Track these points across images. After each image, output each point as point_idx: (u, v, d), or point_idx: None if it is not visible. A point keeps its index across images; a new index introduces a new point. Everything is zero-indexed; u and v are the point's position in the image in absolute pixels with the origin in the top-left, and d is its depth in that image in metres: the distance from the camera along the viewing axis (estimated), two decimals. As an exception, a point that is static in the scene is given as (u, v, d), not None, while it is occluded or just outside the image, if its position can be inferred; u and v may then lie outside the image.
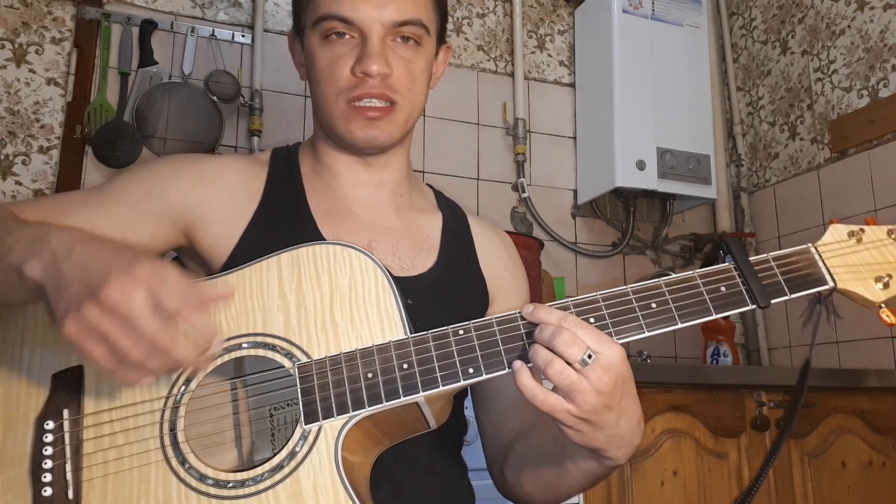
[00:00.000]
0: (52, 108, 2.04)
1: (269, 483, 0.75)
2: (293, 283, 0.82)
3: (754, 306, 0.80)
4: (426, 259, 1.01)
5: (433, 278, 0.99)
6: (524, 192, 2.47)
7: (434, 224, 1.06)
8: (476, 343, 0.78)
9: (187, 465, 0.76)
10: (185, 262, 1.02)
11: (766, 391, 1.85)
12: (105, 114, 2.05)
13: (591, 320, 0.78)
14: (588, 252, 2.52)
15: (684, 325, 0.79)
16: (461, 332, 0.79)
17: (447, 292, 0.99)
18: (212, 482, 0.75)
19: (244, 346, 0.80)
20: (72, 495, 0.75)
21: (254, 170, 1.01)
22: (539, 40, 2.63)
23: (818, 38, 2.48)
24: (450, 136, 2.43)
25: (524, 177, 2.48)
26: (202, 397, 0.81)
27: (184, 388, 0.79)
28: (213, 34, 2.21)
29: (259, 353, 0.80)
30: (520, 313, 0.79)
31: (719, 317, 0.79)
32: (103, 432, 0.77)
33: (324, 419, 0.76)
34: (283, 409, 0.82)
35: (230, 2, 2.28)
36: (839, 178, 2.37)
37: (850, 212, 2.31)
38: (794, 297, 0.81)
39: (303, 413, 0.77)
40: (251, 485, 0.75)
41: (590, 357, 0.72)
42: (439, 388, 0.77)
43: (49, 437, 0.77)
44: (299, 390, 0.78)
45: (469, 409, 1.07)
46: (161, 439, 0.77)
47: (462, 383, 0.77)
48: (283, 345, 0.80)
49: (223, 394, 0.83)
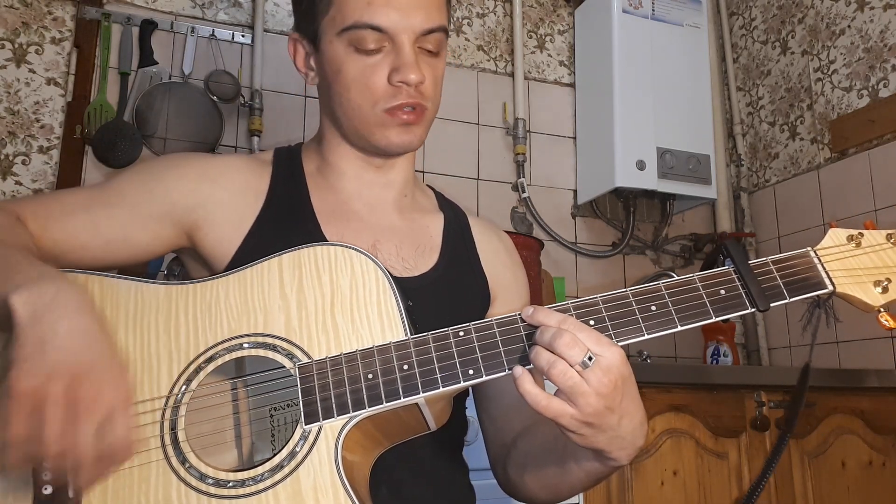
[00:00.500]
0: (52, 108, 2.04)
1: (269, 483, 0.75)
2: (294, 283, 0.82)
3: (753, 310, 0.80)
4: (428, 259, 1.01)
5: (434, 279, 1.00)
6: (524, 192, 2.47)
7: (436, 224, 1.06)
8: (476, 344, 0.78)
9: (187, 465, 0.76)
10: (185, 263, 1.02)
11: (766, 391, 1.85)
12: (105, 114, 2.05)
13: (591, 323, 0.78)
14: (588, 252, 2.53)
15: (684, 327, 0.79)
16: (461, 334, 0.79)
17: (448, 293, 1.00)
18: (212, 481, 0.75)
19: (245, 345, 0.80)
20: (72, 493, 0.75)
21: (257, 170, 1.01)
22: (539, 40, 2.63)
23: (818, 38, 2.48)
24: (450, 136, 2.43)
25: (524, 177, 2.48)
26: (203, 397, 0.81)
27: (185, 387, 0.79)
28: (213, 34, 2.21)
29: (260, 353, 0.80)
30: (520, 315, 0.79)
31: (719, 320, 0.80)
32: None
33: (324, 419, 0.76)
34: (284, 409, 0.82)
35: (230, 2, 2.28)
36: (839, 178, 2.37)
37: (850, 212, 2.31)
38: (793, 300, 0.81)
39: (303, 413, 0.77)
40: (251, 484, 0.75)
41: (590, 359, 0.72)
42: (439, 389, 0.77)
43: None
44: (300, 390, 0.78)
45: (470, 408, 1.07)
46: (161, 438, 0.77)
47: (462, 384, 0.77)
48: (284, 345, 0.80)
49: (224, 393, 0.83)
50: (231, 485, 0.75)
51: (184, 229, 0.94)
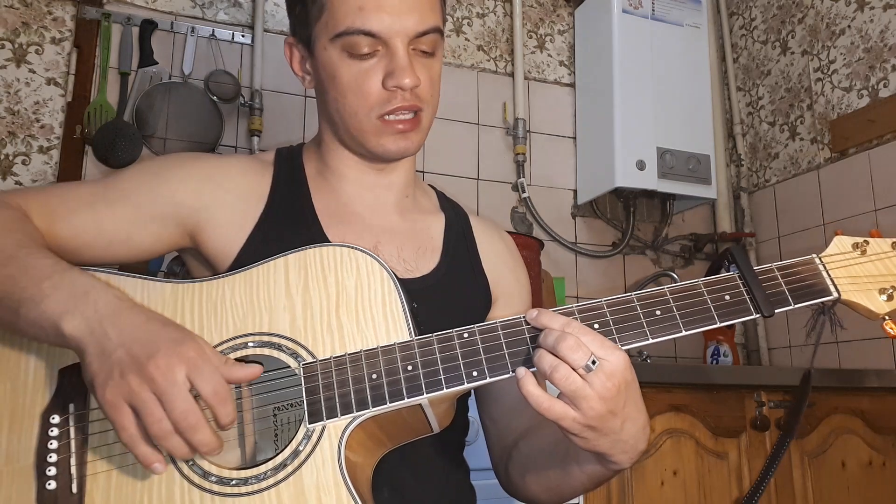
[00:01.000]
0: (52, 108, 2.03)
1: (272, 481, 0.75)
2: (300, 284, 0.83)
3: (758, 315, 0.80)
4: (429, 261, 1.01)
5: (435, 280, 1.00)
6: (524, 192, 2.47)
7: (437, 225, 1.06)
8: (480, 346, 0.79)
9: (191, 462, 0.76)
10: (187, 262, 1.02)
11: (766, 391, 1.85)
12: (105, 114, 2.05)
13: (596, 326, 0.78)
14: (588, 252, 2.53)
15: (688, 332, 0.79)
16: (466, 336, 0.79)
17: (450, 293, 1.00)
18: (215, 479, 0.75)
19: (250, 345, 0.81)
20: (76, 489, 0.75)
21: (259, 171, 1.00)
22: (539, 40, 2.64)
23: (818, 38, 2.48)
24: (450, 136, 2.43)
25: (524, 177, 2.48)
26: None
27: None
28: (213, 34, 2.21)
29: (265, 352, 0.80)
30: (524, 318, 0.79)
31: (723, 325, 0.80)
32: (108, 427, 0.77)
33: (327, 419, 0.77)
34: (287, 409, 0.82)
35: (230, 2, 2.28)
36: (839, 178, 2.37)
37: (850, 212, 2.31)
38: (797, 307, 0.82)
39: (307, 412, 0.77)
40: (254, 482, 0.75)
41: (594, 363, 0.72)
42: (443, 390, 0.77)
43: (55, 432, 0.77)
44: (304, 390, 0.78)
45: (471, 409, 1.07)
46: None
47: (466, 386, 0.77)
48: (289, 345, 0.80)
49: (227, 393, 0.83)
50: (234, 483, 0.75)
51: (186, 230, 0.94)
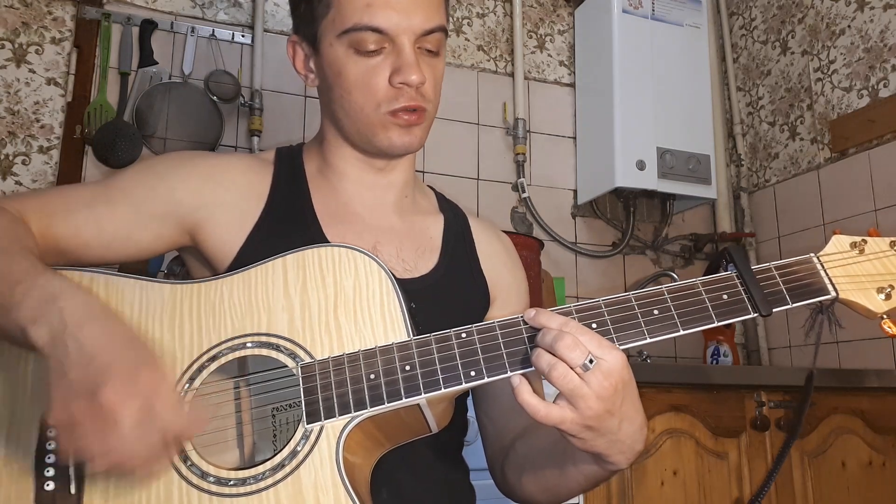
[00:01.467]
0: (52, 108, 2.04)
1: (270, 481, 0.75)
2: (298, 284, 0.83)
3: (756, 314, 0.80)
4: (428, 261, 1.01)
5: (434, 280, 1.00)
6: (524, 192, 2.47)
7: (436, 226, 1.06)
8: (478, 346, 0.78)
9: (189, 462, 0.76)
10: (187, 261, 1.02)
11: (766, 391, 1.85)
12: (105, 114, 2.05)
13: (594, 326, 0.78)
14: (588, 252, 2.53)
15: (686, 332, 0.79)
16: (464, 335, 0.79)
17: (448, 294, 1.00)
18: (213, 479, 0.75)
19: (248, 345, 0.81)
20: (74, 490, 0.75)
21: (259, 170, 1.01)
22: (539, 40, 2.63)
23: (818, 38, 2.48)
24: (450, 136, 2.43)
25: (524, 177, 2.48)
26: (205, 395, 0.81)
27: (187, 385, 0.79)
28: (213, 34, 2.21)
29: (263, 352, 0.80)
30: (522, 317, 0.79)
31: (721, 324, 0.80)
32: None
33: (326, 419, 0.77)
34: (286, 409, 0.82)
35: (230, 2, 2.28)
36: (839, 178, 2.37)
37: (850, 212, 2.31)
38: (795, 306, 0.82)
39: (305, 412, 0.77)
40: (252, 483, 0.75)
41: (591, 362, 0.72)
42: (441, 389, 0.77)
43: (53, 433, 0.77)
44: (302, 390, 0.78)
45: (469, 409, 1.07)
46: None
47: (464, 385, 0.77)
48: (287, 345, 0.80)
49: (226, 392, 0.83)
50: (232, 483, 0.75)
51: (186, 229, 0.94)
